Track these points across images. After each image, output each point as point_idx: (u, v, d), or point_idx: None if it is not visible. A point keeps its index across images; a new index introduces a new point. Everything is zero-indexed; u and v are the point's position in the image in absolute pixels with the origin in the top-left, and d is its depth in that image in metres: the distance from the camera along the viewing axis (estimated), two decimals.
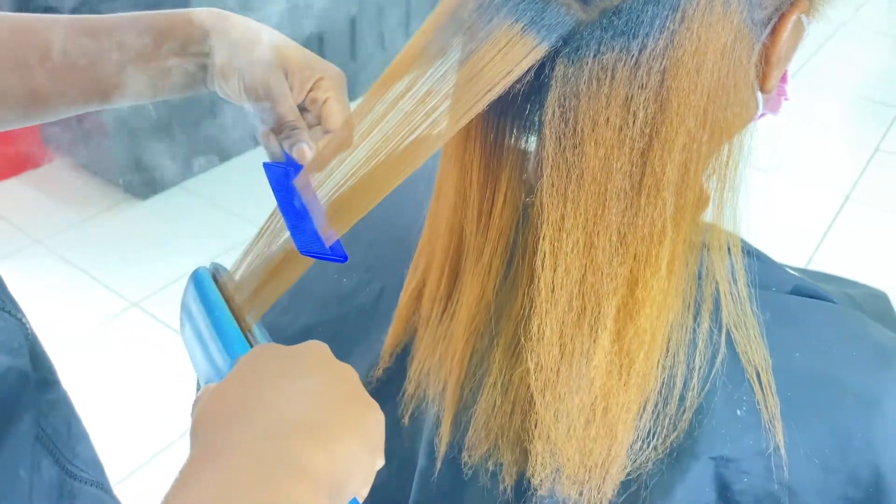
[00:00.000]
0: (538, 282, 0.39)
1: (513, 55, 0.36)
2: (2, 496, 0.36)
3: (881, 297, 0.80)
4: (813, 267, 2.04)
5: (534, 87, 0.38)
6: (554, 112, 0.37)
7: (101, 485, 0.51)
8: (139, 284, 1.96)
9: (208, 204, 2.31)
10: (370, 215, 0.60)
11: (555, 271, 0.39)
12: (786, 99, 0.47)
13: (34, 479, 0.41)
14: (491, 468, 0.45)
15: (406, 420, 0.49)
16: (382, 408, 0.53)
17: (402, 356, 0.50)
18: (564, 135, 0.37)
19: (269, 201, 0.52)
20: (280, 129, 0.50)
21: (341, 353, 0.56)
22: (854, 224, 2.28)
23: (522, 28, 0.36)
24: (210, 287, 0.46)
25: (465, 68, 0.38)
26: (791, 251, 2.11)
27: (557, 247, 0.38)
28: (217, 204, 2.30)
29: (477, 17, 0.37)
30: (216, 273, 0.48)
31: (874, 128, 2.78)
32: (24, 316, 0.43)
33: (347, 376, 0.40)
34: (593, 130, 0.37)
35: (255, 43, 0.51)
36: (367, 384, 0.54)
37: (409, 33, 2.91)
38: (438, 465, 0.47)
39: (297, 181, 0.47)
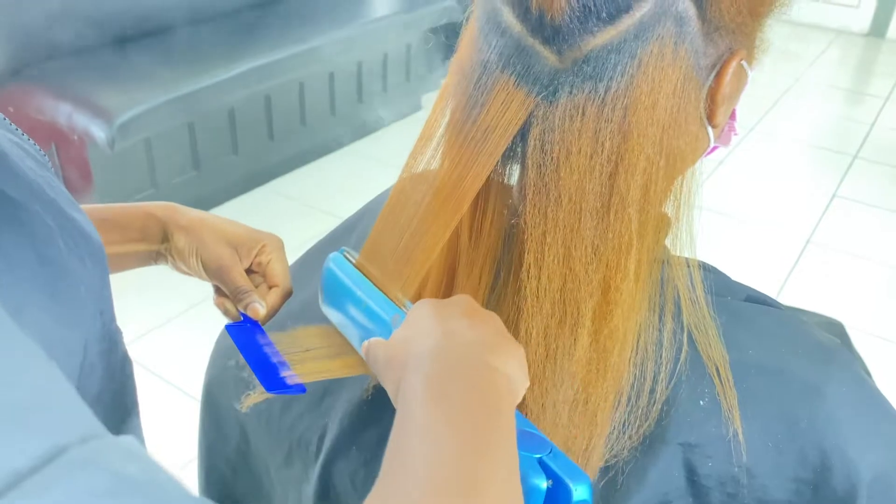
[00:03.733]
0: (524, 290, 0.45)
1: (513, 108, 0.43)
2: None
3: (836, 325, 0.87)
4: None
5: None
6: (535, 145, 0.43)
7: None
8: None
9: None
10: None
11: (539, 280, 0.44)
12: (735, 134, 0.54)
13: None
14: None
15: None
16: (380, 417, 0.57)
17: None
18: (544, 163, 0.43)
19: None
20: (234, 293, 0.60)
21: None
22: (815, 266, 2.38)
23: (515, 82, 0.43)
24: (349, 265, 0.54)
25: (478, 125, 0.44)
26: None
27: (540, 259, 0.44)
28: None
29: (479, 75, 0.44)
30: (347, 255, 0.56)
31: (831, 175, 2.91)
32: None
33: (495, 318, 0.45)
34: (568, 159, 0.43)
35: (205, 226, 0.62)
36: (364, 393, 0.59)
37: (363, 98, 3.01)
38: None
39: (261, 337, 0.58)
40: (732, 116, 0.50)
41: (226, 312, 0.61)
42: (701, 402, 0.48)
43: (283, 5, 2.88)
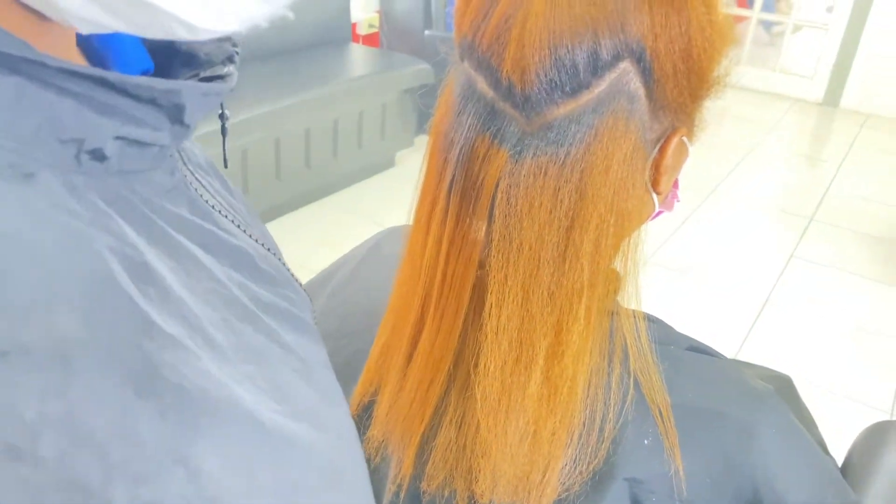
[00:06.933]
0: (485, 327, 0.49)
1: (495, 164, 0.48)
2: None
3: (784, 379, 0.92)
4: None
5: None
6: (502, 197, 0.48)
7: None
8: None
9: None
10: (345, 292, 0.70)
11: (499, 319, 0.49)
12: (677, 201, 0.60)
13: None
14: (446, 495, 0.54)
15: (376, 460, 0.58)
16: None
17: (370, 406, 0.59)
18: (509, 214, 0.48)
19: None
20: None
21: None
22: (773, 324, 2.46)
23: (491, 139, 0.48)
24: None
25: (470, 181, 0.49)
26: (716, 348, 2.25)
27: (501, 299, 0.49)
28: None
29: (463, 135, 0.49)
30: None
31: (789, 236, 3.03)
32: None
33: None
34: (530, 211, 0.48)
35: None
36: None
37: (338, 153, 3.09)
38: (402, 495, 0.56)
39: None
40: (675, 185, 0.56)
41: None
42: (645, 441, 0.53)
43: (262, 64, 2.97)
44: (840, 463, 0.73)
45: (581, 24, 0.44)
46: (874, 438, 0.77)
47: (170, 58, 0.39)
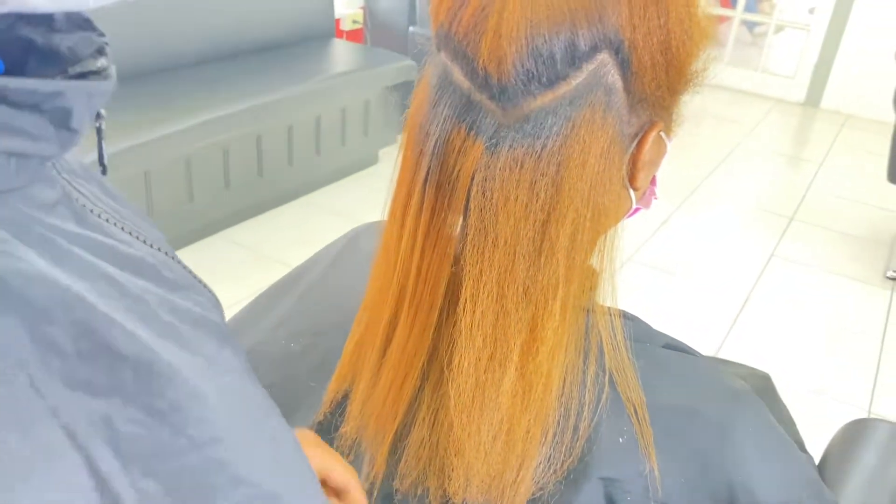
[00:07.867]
0: (459, 324, 0.48)
1: (471, 156, 0.47)
2: None
3: (763, 377, 0.92)
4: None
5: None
6: (477, 190, 0.47)
7: None
8: None
9: None
10: (320, 289, 0.69)
11: (473, 315, 0.48)
12: (655, 198, 0.59)
13: None
14: (419, 493, 0.53)
15: (349, 457, 0.57)
16: (326, 442, 0.60)
17: (343, 402, 0.58)
18: (484, 207, 0.47)
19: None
20: None
21: (291, 407, 0.64)
22: (753, 323, 2.47)
23: (467, 131, 0.47)
24: None
25: (446, 173, 0.48)
26: (698, 347, 2.26)
27: (475, 295, 0.48)
28: None
29: (439, 126, 0.48)
30: None
31: (770, 235, 3.05)
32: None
33: None
34: (505, 205, 0.47)
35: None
36: (309, 428, 0.61)
37: (321, 150, 3.07)
38: (375, 494, 0.55)
39: None
40: (653, 182, 0.56)
41: None
42: (620, 440, 0.52)
43: (244, 60, 2.94)
44: (817, 460, 0.73)
45: (559, 14, 0.44)
46: (851, 436, 0.77)
47: (23, 55, 0.33)
